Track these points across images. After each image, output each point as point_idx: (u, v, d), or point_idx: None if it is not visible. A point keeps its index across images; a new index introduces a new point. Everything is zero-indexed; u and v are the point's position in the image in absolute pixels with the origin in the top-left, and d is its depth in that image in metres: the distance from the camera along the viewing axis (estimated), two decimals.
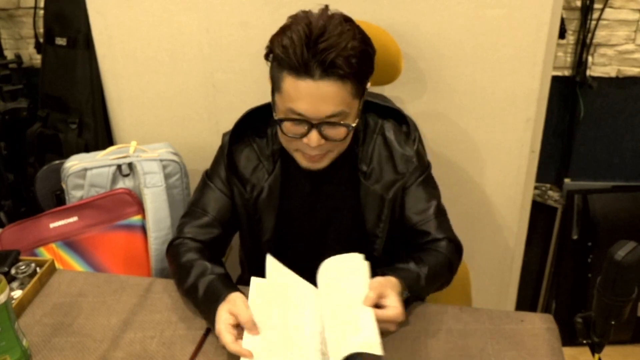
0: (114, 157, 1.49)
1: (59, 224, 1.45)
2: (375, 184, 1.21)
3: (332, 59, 1.01)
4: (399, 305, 1.02)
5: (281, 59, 1.05)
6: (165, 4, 1.59)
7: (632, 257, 0.88)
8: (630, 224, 2.05)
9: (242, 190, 1.23)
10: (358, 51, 1.04)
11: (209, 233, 1.23)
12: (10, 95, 2.03)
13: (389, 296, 1.03)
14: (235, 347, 0.97)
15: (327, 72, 1.02)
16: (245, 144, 1.25)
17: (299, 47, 1.01)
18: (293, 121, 1.08)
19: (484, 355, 1.03)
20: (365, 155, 1.22)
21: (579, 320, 1.00)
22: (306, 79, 1.03)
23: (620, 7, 1.88)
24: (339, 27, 1.03)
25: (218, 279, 1.11)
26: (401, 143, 1.22)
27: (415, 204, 1.23)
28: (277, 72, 1.07)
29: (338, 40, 1.01)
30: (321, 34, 1.01)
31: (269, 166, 1.23)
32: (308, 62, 1.01)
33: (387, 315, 1.00)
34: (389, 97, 1.38)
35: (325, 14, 1.06)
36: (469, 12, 1.48)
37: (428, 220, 1.22)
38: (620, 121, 2.05)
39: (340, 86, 1.04)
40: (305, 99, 1.04)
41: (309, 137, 1.08)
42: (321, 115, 1.06)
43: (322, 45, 1.01)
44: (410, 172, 1.21)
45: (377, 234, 1.24)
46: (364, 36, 1.08)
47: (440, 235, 1.21)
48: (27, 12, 2.15)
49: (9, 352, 0.98)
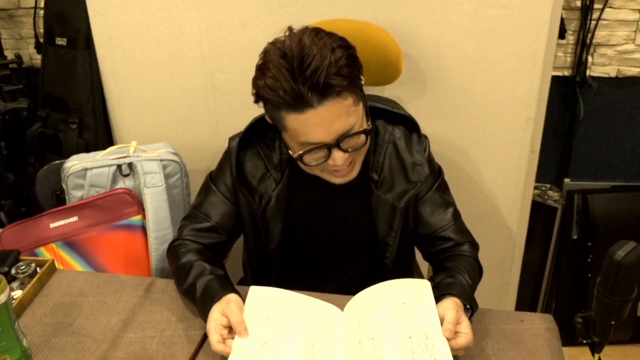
0: (114, 157, 1.49)
1: (59, 224, 1.45)
2: (387, 193, 1.20)
3: (324, 81, 0.96)
4: (470, 331, 0.97)
5: (273, 101, 1.00)
6: (165, 4, 1.59)
7: (632, 257, 0.89)
8: (630, 224, 2.05)
9: (250, 200, 1.20)
10: (343, 59, 0.99)
11: (210, 238, 1.23)
12: (10, 95, 2.03)
13: (462, 322, 0.98)
14: (219, 347, 0.97)
15: (323, 95, 0.97)
16: (252, 152, 1.21)
17: (286, 83, 0.96)
18: (311, 152, 1.05)
19: (484, 355, 1.03)
20: (377, 164, 1.20)
21: (579, 320, 1.00)
22: (306, 110, 0.99)
23: (620, 7, 1.88)
24: (313, 46, 0.97)
25: (216, 279, 1.10)
26: (412, 151, 1.20)
27: (433, 211, 1.22)
28: (275, 113, 1.04)
29: (320, 58, 0.96)
30: (301, 60, 0.96)
31: (277, 175, 1.20)
32: (301, 93, 0.97)
33: (460, 345, 0.96)
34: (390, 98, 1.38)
35: (295, 38, 1.00)
36: (469, 12, 1.48)
37: (448, 226, 1.21)
38: (620, 121, 2.05)
39: (342, 101, 1.00)
40: (314, 128, 1.01)
41: (333, 159, 1.05)
42: (335, 135, 1.03)
43: (308, 72, 0.96)
44: (423, 180, 1.19)
45: (389, 242, 1.22)
46: (340, 38, 1.03)
47: (462, 239, 1.21)
48: (27, 12, 2.15)
49: (9, 352, 0.98)
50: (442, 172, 1.27)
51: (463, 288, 1.07)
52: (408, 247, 1.33)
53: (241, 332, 0.99)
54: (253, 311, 1.04)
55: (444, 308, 1.00)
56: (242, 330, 0.99)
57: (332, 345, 1.01)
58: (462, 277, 1.11)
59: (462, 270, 1.13)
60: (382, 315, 1.02)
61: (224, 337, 0.99)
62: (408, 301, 1.03)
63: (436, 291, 1.05)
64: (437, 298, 1.04)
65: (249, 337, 0.99)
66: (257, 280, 1.35)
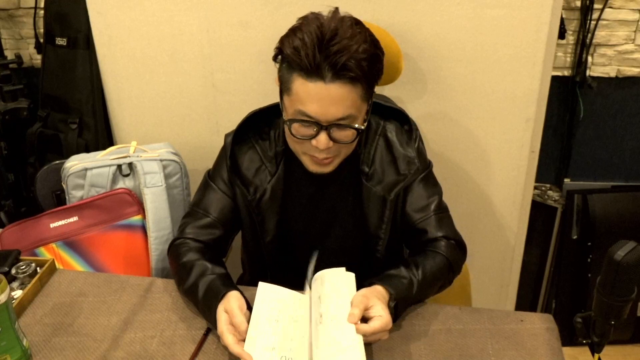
0: (114, 157, 1.49)
1: (59, 224, 1.45)
2: (377, 185, 1.21)
3: (344, 62, 1.00)
4: (384, 313, 1.00)
5: (292, 60, 1.04)
6: (165, 4, 1.59)
7: (632, 257, 0.89)
8: (630, 224, 2.05)
9: (245, 192, 1.23)
10: (369, 54, 1.04)
11: (211, 234, 1.24)
12: (10, 95, 2.03)
13: (374, 306, 1.01)
14: (237, 349, 0.97)
15: (338, 74, 1.02)
16: (247, 146, 1.24)
17: (310, 49, 1.01)
18: (302, 122, 1.08)
19: (484, 355, 1.03)
20: (367, 157, 1.22)
21: (579, 320, 1.00)
22: (317, 81, 1.02)
23: (620, 7, 1.88)
24: (350, 30, 1.03)
25: (218, 278, 1.11)
26: (403, 144, 1.22)
27: (415, 202, 1.23)
28: (287, 73, 1.07)
29: (350, 43, 1.01)
30: (333, 37, 1.01)
31: (272, 168, 1.23)
32: (320, 64, 1.01)
33: (374, 328, 0.98)
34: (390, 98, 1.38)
35: (337, 17, 1.06)
36: (468, 12, 1.48)
37: (427, 218, 1.21)
38: (620, 121, 2.05)
39: (351, 89, 1.04)
40: (316, 101, 1.04)
41: (317, 139, 1.08)
42: (331, 118, 1.06)
43: (334, 48, 1.00)
44: (412, 173, 1.21)
45: (380, 235, 1.24)
46: (374, 39, 1.08)
47: (439, 233, 1.20)
48: (28, 12, 2.15)
49: (10, 352, 0.98)
50: (430, 166, 1.27)
51: (399, 280, 1.09)
52: (399, 240, 1.33)
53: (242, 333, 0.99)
54: (261, 310, 1.04)
55: (356, 294, 1.03)
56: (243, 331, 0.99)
57: None
58: (409, 272, 1.12)
59: (416, 265, 1.13)
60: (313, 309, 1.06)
61: (238, 339, 0.99)
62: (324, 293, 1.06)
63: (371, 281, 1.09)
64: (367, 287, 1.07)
65: (258, 342, 0.99)
66: (254, 276, 1.36)
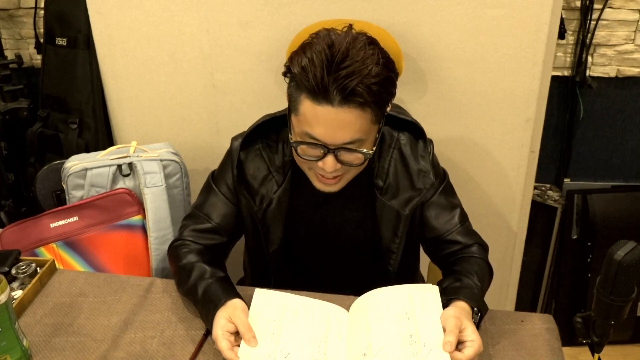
0: (114, 157, 1.49)
1: (59, 224, 1.45)
2: (392, 200, 1.19)
3: (353, 87, 0.96)
4: (477, 338, 0.95)
5: (299, 81, 1.01)
6: (165, 4, 1.59)
7: (632, 257, 0.89)
8: (629, 223, 2.05)
9: (251, 202, 1.20)
10: (381, 78, 0.99)
11: (211, 239, 1.22)
12: (10, 95, 2.03)
13: (466, 329, 0.96)
14: (230, 355, 0.96)
15: (347, 99, 0.98)
16: (255, 153, 1.21)
17: (319, 71, 0.97)
18: (309, 145, 1.05)
19: (484, 355, 1.03)
20: (382, 171, 1.20)
21: (579, 320, 1.00)
22: (325, 104, 0.99)
23: (619, 7, 1.88)
24: (361, 52, 0.98)
25: (217, 282, 1.10)
26: (417, 157, 1.19)
27: (438, 215, 1.21)
28: (295, 92, 1.04)
29: (361, 66, 0.97)
30: (343, 59, 0.97)
31: (279, 178, 1.20)
32: (327, 87, 0.97)
33: (468, 356, 0.94)
34: None
35: (350, 35, 1.01)
36: (468, 12, 1.48)
37: (454, 229, 1.21)
38: (620, 121, 2.06)
39: (360, 114, 1.00)
40: (323, 124, 1.01)
41: (324, 162, 1.06)
42: (338, 142, 1.03)
43: (343, 72, 0.96)
44: (428, 187, 1.19)
45: (393, 249, 1.22)
46: (388, 60, 1.03)
47: (470, 241, 1.20)
48: (28, 12, 2.15)
49: (10, 352, 0.98)
50: (447, 175, 1.26)
51: (471, 291, 1.06)
52: (413, 254, 1.32)
53: (250, 340, 0.99)
54: (259, 316, 1.04)
55: (445, 317, 0.99)
56: (250, 338, 0.99)
57: (339, 351, 1.00)
58: (470, 280, 1.10)
59: (470, 273, 1.12)
60: (386, 326, 1.01)
61: (232, 344, 0.99)
62: (412, 310, 1.02)
63: (444, 297, 1.04)
64: (444, 304, 1.03)
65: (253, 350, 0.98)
66: (256, 282, 1.35)
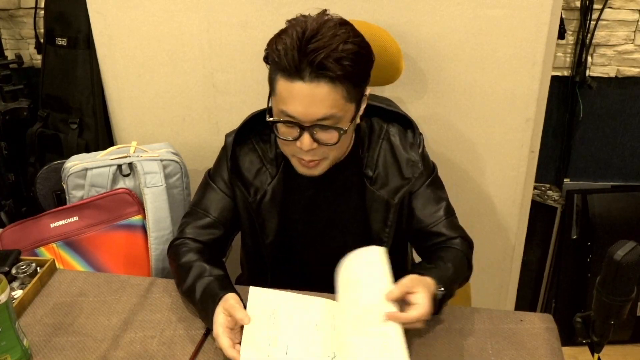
0: (115, 157, 1.49)
1: (59, 224, 1.45)
2: (381, 189, 1.21)
3: (321, 60, 1.00)
4: (426, 304, 0.98)
5: (275, 62, 1.05)
6: (165, 4, 1.59)
7: (632, 257, 0.89)
8: (629, 223, 2.05)
9: (245, 194, 1.22)
10: (350, 53, 1.02)
11: (210, 234, 1.24)
12: (10, 95, 2.03)
13: (417, 293, 0.99)
14: (232, 353, 0.97)
15: (317, 73, 1.01)
16: (248, 147, 1.24)
17: (290, 50, 1.01)
18: (285, 123, 1.08)
19: (484, 355, 1.03)
20: (371, 161, 1.22)
21: (579, 320, 1.00)
22: (297, 80, 1.02)
23: (619, 8, 1.88)
24: (332, 30, 1.02)
25: (215, 280, 1.10)
26: (406, 148, 1.22)
27: (424, 207, 1.23)
28: (272, 74, 1.07)
29: (330, 42, 1.00)
30: (313, 36, 1.01)
31: (273, 170, 1.23)
32: (299, 63, 1.01)
33: (411, 317, 0.97)
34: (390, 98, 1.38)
35: (322, 18, 1.05)
36: (468, 12, 1.48)
37: (439, 222, 1.22)
38: (620, 121, 2.06)
39: (332, 89, 1.03)
40: (296, 101, 1.04)
41: (301, 141, 1.08)
42: (312, 118, 1.05)
43: (312, 46, 1.00)
44: (417, 177, 1.21)
45: (383, 238, 1.24)
46: (362, 40, 1.06)
47: (454, 234, 1.22)
48: (28, 12, 2.15)
49: (10, 352, 0.98)
50: (435, 169, 1.27)
51: (440, 272, 1.09)
52: (402, 243, 1.33)
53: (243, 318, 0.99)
54: (256, 313, 1.04)
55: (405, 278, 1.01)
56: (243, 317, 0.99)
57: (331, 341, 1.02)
58: (444, 264, 1.13)
59: (446, 259, 1.15)
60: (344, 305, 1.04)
61: (233, 342, 0.99)
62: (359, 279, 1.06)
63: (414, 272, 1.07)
64: None
65: (254, 342, 0.99)
66: (253, 277, 1.36)
